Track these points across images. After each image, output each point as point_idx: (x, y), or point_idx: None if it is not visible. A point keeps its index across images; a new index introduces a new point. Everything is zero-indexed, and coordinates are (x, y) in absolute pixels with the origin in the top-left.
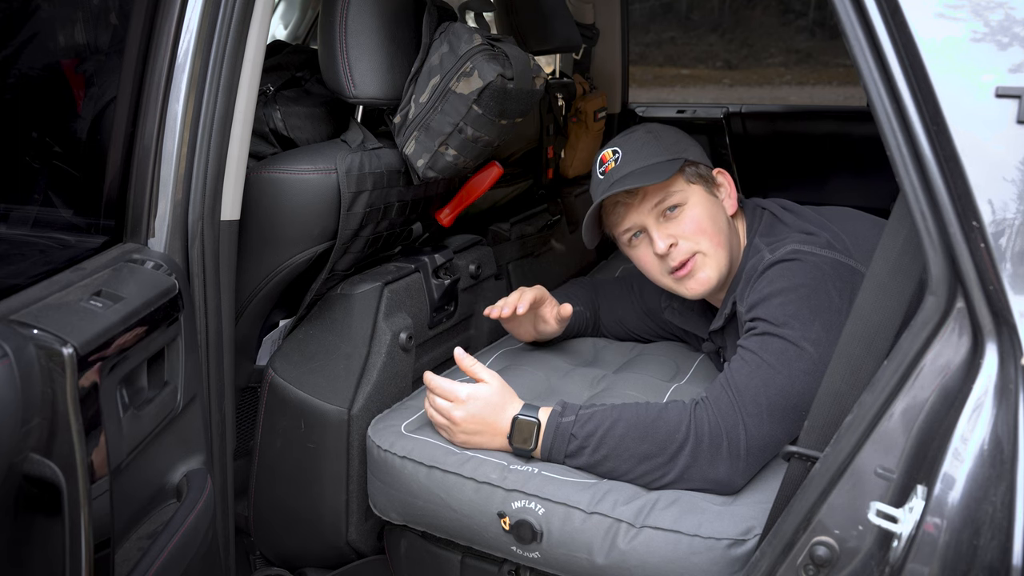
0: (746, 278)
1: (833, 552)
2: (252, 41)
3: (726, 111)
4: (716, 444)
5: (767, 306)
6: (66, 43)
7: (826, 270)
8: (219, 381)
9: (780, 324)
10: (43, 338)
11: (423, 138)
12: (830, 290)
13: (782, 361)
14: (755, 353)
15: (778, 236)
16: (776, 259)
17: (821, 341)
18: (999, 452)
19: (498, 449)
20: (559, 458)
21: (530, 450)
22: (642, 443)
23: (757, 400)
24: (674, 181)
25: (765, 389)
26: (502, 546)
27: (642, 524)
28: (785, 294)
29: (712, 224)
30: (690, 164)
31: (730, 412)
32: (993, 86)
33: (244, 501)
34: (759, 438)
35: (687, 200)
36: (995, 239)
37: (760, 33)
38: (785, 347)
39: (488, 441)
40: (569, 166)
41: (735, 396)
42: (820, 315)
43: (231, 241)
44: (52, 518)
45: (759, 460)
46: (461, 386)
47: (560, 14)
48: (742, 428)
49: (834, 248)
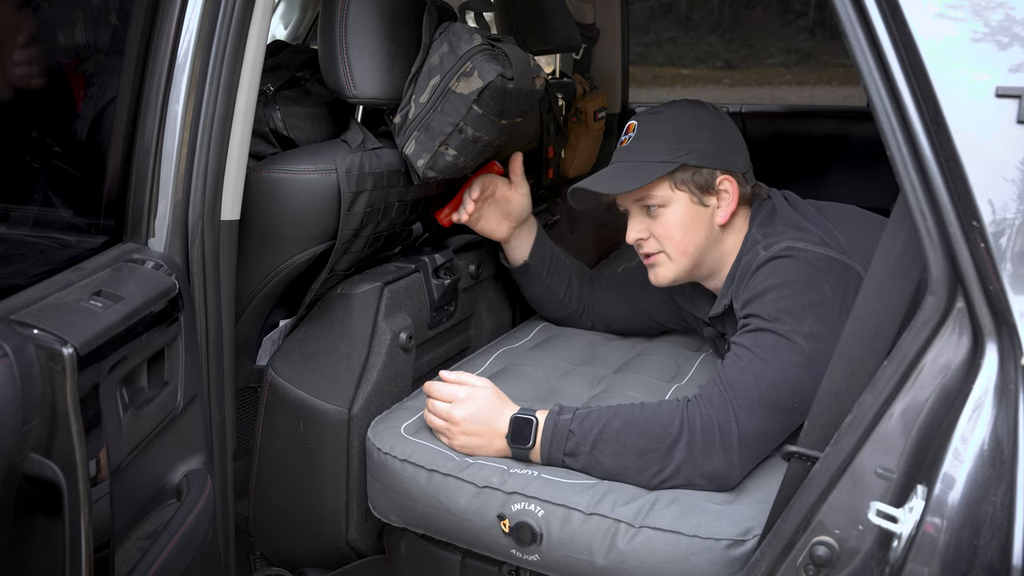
0: (741, 272)
1: (833, 552)
2: (252, 41)
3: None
4: (709, 436)
5: (760, 302)
6: (66, 43)
7: (819, 266)
8: (219, 381)
9: (772, 319)
10: (43, 338)
11: (423, 138)
12: (823, 285)
13: (774, 355)
14: (747, 348)
15: (774, 227)
16: (770, 256)
17: (814, 335)
18: (999, 452)
19: (497, 453)
20: (558, 456)
21: (528, 448)
22: (638, 438)
23: (748, 392)
24: (657, 185)
25: (756, 382)
26: (502, 549)
27: (641, 524)
28: (778, 290)
29: (683, 234)
30: (687, 168)
31: (721, 405)
32: (993, 86)
33: (244, 501)
34: (751, 429)
35: (667, 204)
36: (995, 239)
37: (760, 33)
38: (777, 341)
39: (487, 443)
40: (569, 166)
41: (726, 389)
42: (812, 309)
43: (231, 241)
44: (52, 518)
45: (753, 452)
46: (459, 388)
47: (560, 14)
48: (733, 420)
49: (828, 245)
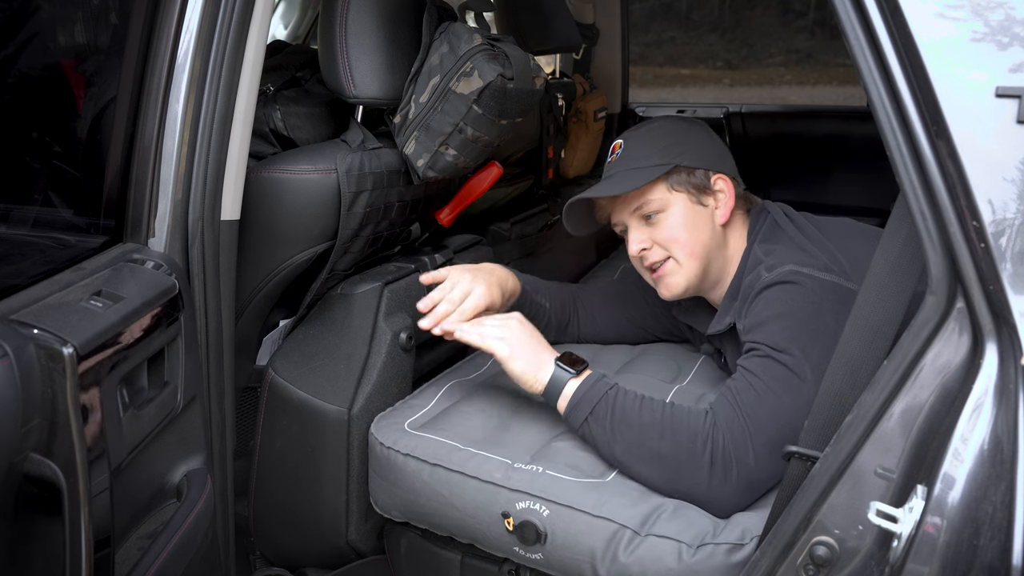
0: (744, 292)
1: (833, 552)
2: (252, 41)
3: (726, 111)
4: (727, 471)
5: (766, 331)
6: (66, 43)
7: (825, 294)
8: (219, 381)
9: (781, 350)
10: (43, 338)
11: (423, 138)
12: (826, 315)
13: (786, 389)
14: (759, 377)
15: (776, 244)
16: (774, 280)
17: (819, 370)
18: (999, 452)
19: (536, 369)
20: (588, 406)
21: (570, 376)
22: (660, 442)
23: (767, 429)
24: (654, 188)
25: (775, 419)
26: (504, 546)
27: (647, 532)
28: (784, 319)
29: (688, 234)
30: (681, 170)
31: (742, 438)
32: (993, 86)
33: (244, 501)
34: (766, 472)
35: (667, 207)
36: (995, 239)
37: (760, 33)
38: (788, 376)
39: (537, 348)
40: (569, 166)
41: (746, 421)
42: (819, 341)
43: (231, 241)
44: (52, 518)
45: (759, 492)
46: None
47: (560, 14)
48: (752, 457)
49: (831, 271)
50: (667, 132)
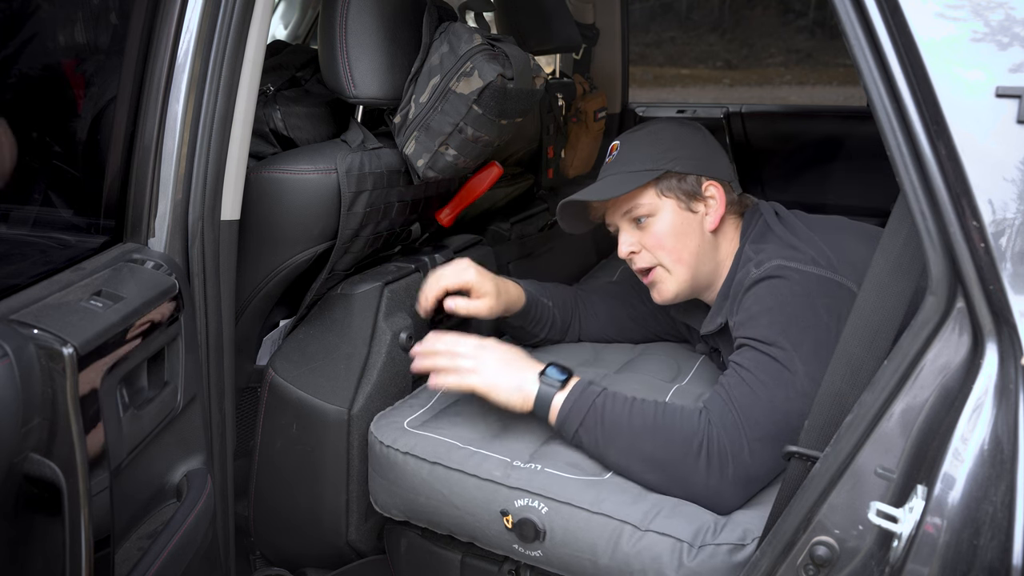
0: (735, 290)
1: (833, 552)
2: (252, 41)
3: (726, 111)
4: (723, 469)
5: (755, 325)
6: (66, 43)
7: (812, 287)
8: (219, 381)
9: (771, 343)
10: (43, 338)
11: (423, 138)
12: (817, 307)
13: (778, 383)
14: (751, 372)
15: (766, 244)
16: (762, 275)
17: (810, 361)
18: (999, 452)
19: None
20: (578, 417)
21: (556, 389)
22: (653, 445)
23: (761, 424)
24: (643, 193)
25: (770, 415)
26: (504, 544)
27: (647, 528)
28: (772, 313)
29: (676, 240)
30: (672, 176)
31: (736, 435)
32: (993, 86)
33: (244, 501)
34: (762, 467)
35: (655, 213)
36: (995, 239)
37: (760, 33)
38: (779, 370)
39: (517, 371)
40: (569, 166)
41: (739, 417)
42: (808, 333)
43: (231, 241)
44: (52, 518)
45: (757, 487)
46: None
47: (560, 14)
48: (747, 454)
49: (818, 264)
50: (663, 136)
